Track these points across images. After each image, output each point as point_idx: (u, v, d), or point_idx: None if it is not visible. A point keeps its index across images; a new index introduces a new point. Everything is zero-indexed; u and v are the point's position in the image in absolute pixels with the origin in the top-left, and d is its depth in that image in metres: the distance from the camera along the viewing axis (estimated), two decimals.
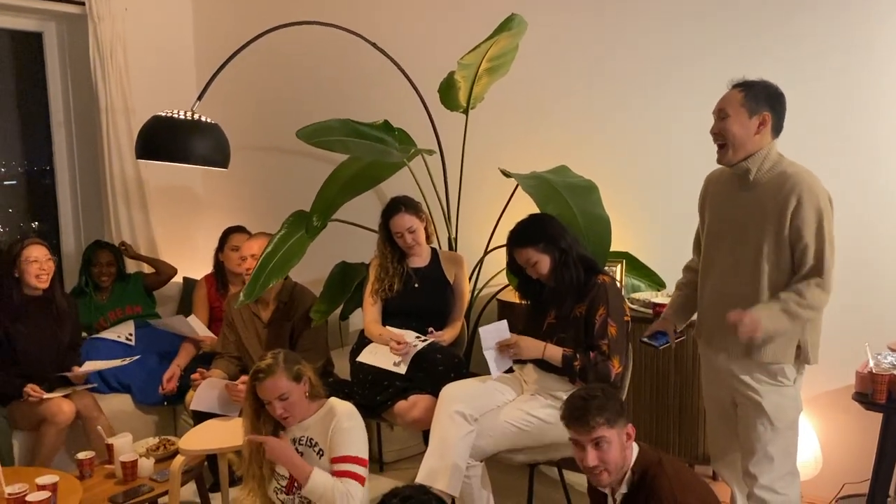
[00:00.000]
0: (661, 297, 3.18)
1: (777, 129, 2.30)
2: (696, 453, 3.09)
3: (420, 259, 3.22)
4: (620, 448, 1.97)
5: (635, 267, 3.34)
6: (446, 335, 3.11)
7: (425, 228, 3.18)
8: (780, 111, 2.29)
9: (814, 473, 3.00)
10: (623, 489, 2.00)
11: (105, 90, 4.28)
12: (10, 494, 2.37)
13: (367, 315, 3.20)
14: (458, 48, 3.20)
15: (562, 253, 2.61)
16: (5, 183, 5.11)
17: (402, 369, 2.91)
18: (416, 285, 3.16)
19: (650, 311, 3.12)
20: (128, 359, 3.49)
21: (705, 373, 2.56)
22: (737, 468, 2.49)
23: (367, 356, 3.03)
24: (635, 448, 2.02)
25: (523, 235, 2.67)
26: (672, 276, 3.23)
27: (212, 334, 3.67)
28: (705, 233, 2.48)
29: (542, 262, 2.63)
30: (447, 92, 3.36)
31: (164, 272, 4.16)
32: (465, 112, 3.39)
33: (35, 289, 3.32)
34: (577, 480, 3.10)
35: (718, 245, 2.41)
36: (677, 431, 3.12)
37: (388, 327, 3.11)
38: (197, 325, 3.66)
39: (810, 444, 3.02)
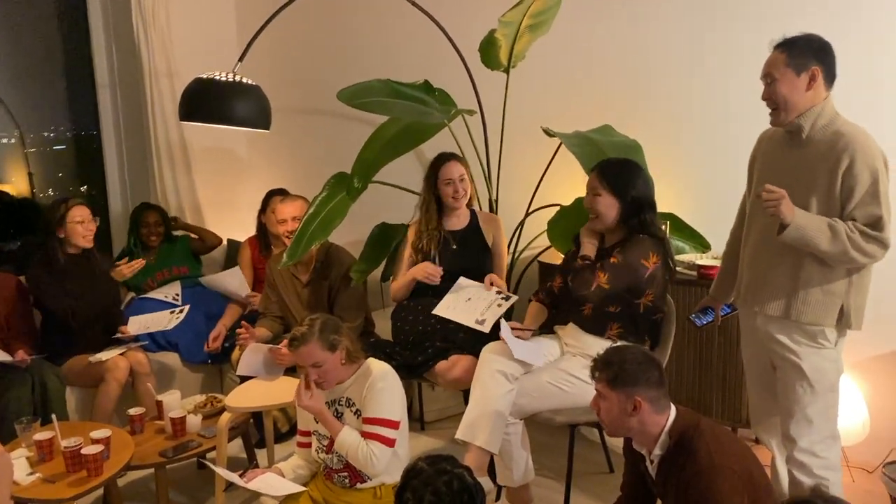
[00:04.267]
0: (706, 259, 3.13)
1: (830, 81, 2.21)
2: (739, 417, 3.06)
3: (458, 221, 3.20)
4: (619, 411, 1.96)
5: (679, 228, 3.28)
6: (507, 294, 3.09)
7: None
8: (828, 62, 2.20)
9: (860, 438, 2.95)
10: (658, 451, 1.99)
11: (148, 53, 4.31)
12: (66, 447, 2.46)
13: (398, 277, 3.22)
14: (498, 5, 3.13)
15: (626, 209, 2.58)
16: (55, 148, 5.23)
17: (486, 328, 2.83)
18: (455, 247, 3.15)
19: (695, 273, 3.07)
20: (175, 311, 3.56)
21: (744, 334, 2.52)
22: (777, 432, 2.45)
23: (445, 310, 2.94)
24: (673, 411, 2.00)
25: (606, 168, 2.63)
26: (717, 237, 3.19)
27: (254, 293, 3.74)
28: (752, 192, 2.42)
29: (603, 201, 2.59)
30: (488, 50, 3.31)
31: (209, 241, 4.22)
32: (507, 71, 3.33)
33: (77, 248, 3.40)
34: (619, 443, 3.09)
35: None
36: (720, 395, 3.09)
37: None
38: (242, 282, 3.73)
39: (858, 408, 2.96)
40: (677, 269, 3.08)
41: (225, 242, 4.46)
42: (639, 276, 2.55)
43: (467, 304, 2.93)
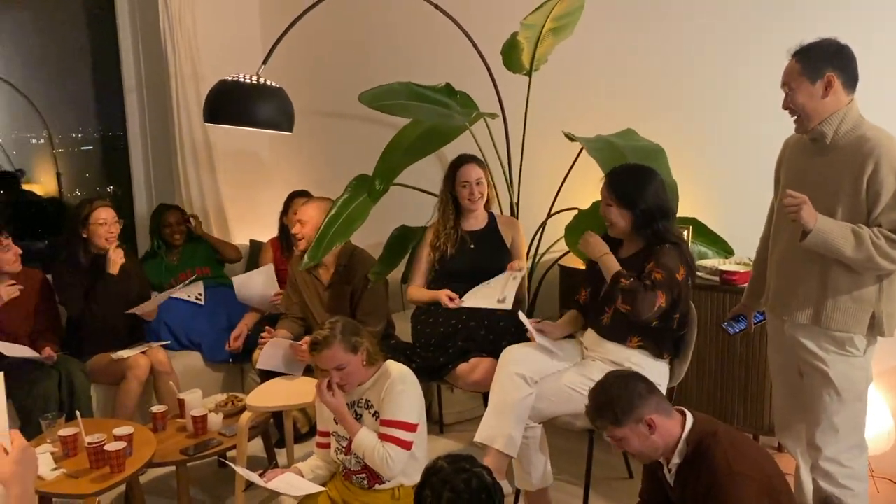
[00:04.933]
0: (729, 265, 3.10)
1: (850, 85, 2.18)
2: (761, 424, 3.02)
3: (476, 222, 3.21)
4: (640, 439, 1.94)
5: (703, 233, 3.26)
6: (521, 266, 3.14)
7: (487, 191, 3.17)
8: (845, 66, 2.16)
9: (886, 448, 2.90)
10: (676, 459, 1.97)
11: (174, 56, 4.37)
12: (89, 444, 2.49)
13: (413, 277, 3.26)
14: (521, 8, 3.14)
15: (638, 218, 2.53)
16: (82, 148, 5.31)
17: (508, 305, 2.91)
18: (472, 246, 3.16)
19: (717, 278, 3.04)
20: (192, 289, 3.60)
21: (772, 341, 2.49)
22: (802, 440, 2.42)
23: (471, 300, 3.00)
24: (689, 419, 1.98)
25: (616, 176, 2.58)
26: (740, 243, 3.16)
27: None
28: (779, 199, 2.39)
29: (614, 211, 2.56)
30: (510, 53, 3.31)
31: (227, 255, 4.24)
32: (529, 74, 3.33)
33: (99, 248, 3.45)
34: None
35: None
36: (742, 402, 3.06)
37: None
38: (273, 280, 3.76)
39: (883, 418, 2.91)
40: (700, 274, 3.07)
41: (247, 243, 4.51)
42: (679, 291, 2.52)
43: (488, 290, 2.99)
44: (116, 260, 3.40)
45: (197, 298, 3.79)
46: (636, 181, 2.57)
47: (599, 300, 2.64)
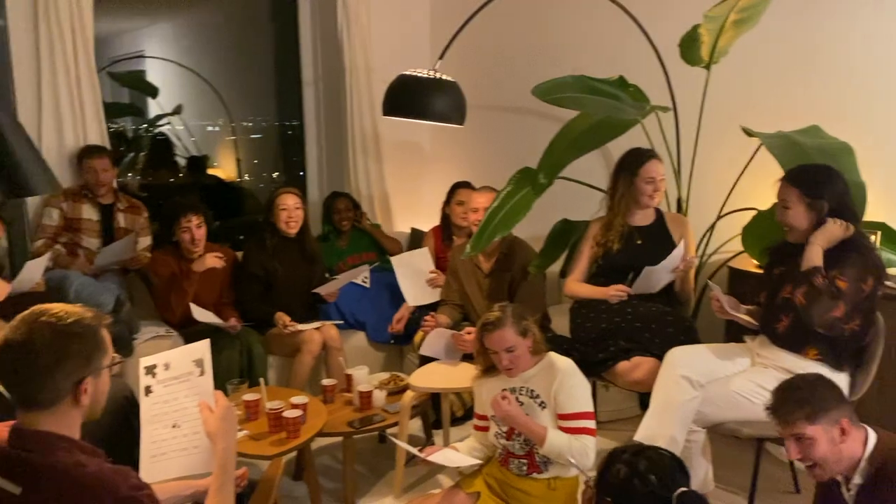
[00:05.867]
0: None
1: None
2: None
3: (644, 217, 3.14)
4: (829, 444, 1.82)
5: (892, 239, 3.01)
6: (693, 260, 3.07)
7: None
8: None
9: None
10: (857, 479, 1.85)
11: (350, 51, 4.58)
12: (270, 409, 2.70)
13: (573, 272, 3.22)
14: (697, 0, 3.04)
15: (822, 215, 2.41)
16: (260, 136, 5.72)
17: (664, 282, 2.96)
18: (639, 242, 3.09)
19: None
20: (359, 271, 3.79)
21: None
22: None
23: (642, 289, 2.98)
24: (872, 437, 1.85)
25: (799, 176, 2.48)
26: None
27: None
28: None
29: (795, 213, 2.45)
30: (689, 46, 3.21)
31: (387, 248, 4.36)
32: (707, 67, 3.22)
33: (286, 233, 3.71)
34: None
35: None
36: None
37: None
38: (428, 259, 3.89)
39: None
40: (887, 283, 2.85)
41: (409, 231, 4.68)
42: (862, 301, 2.37)
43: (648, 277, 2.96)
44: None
45: (363, 281, 3.98)
46: (817, 179, 2.44)
47: (776, 307, 2.52)
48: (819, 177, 2.47)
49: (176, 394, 1.82)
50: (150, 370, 1.85)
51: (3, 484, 1.41)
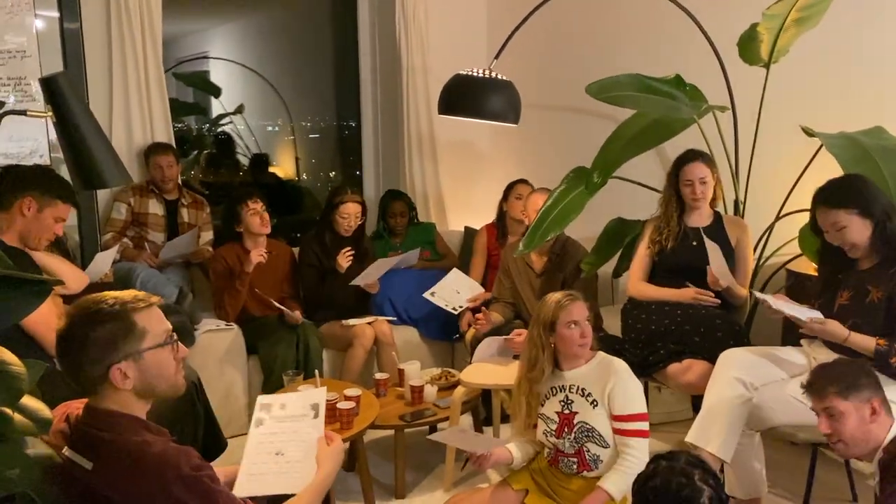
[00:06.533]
0: None
1: None
2: None
3: (700, 219, 3.11)
4: (859, 422, 1.86)
5: None
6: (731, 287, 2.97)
7: (714, 188, 3.07)
8: None
9: None
10: (872, 468, 1.88)
11: (407, 51, 4.64)
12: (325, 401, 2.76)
13: (635, 272, 3.19)
14: None
15: (879, 223, 2.37)
16: (318, 136, 5.83)
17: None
18: (695, 243, 3.06)
19: None
20: (409, 256, 3.87)
21: None
22: None
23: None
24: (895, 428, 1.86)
25: (835, 195, 2.44)
26: None
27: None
28: None
29: (853, 229, 2.40)
30: (747, 45, 3.16)
31: (441, 254, 4.40)
32: (766, 66, 3.16)
33: (340, 234, 3.79)
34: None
35: None
36: None
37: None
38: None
39: None
40: None
41: (462, 230, 4.71)
42: None
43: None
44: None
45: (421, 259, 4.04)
46: (857, 187, 2.42)
47: (834, 313, 2.48)
48: (855, 183, 2.46)
49: (286, 429, 1.95)
50: (266, 408, 2.00)
51: (77, 459, 1.49)
